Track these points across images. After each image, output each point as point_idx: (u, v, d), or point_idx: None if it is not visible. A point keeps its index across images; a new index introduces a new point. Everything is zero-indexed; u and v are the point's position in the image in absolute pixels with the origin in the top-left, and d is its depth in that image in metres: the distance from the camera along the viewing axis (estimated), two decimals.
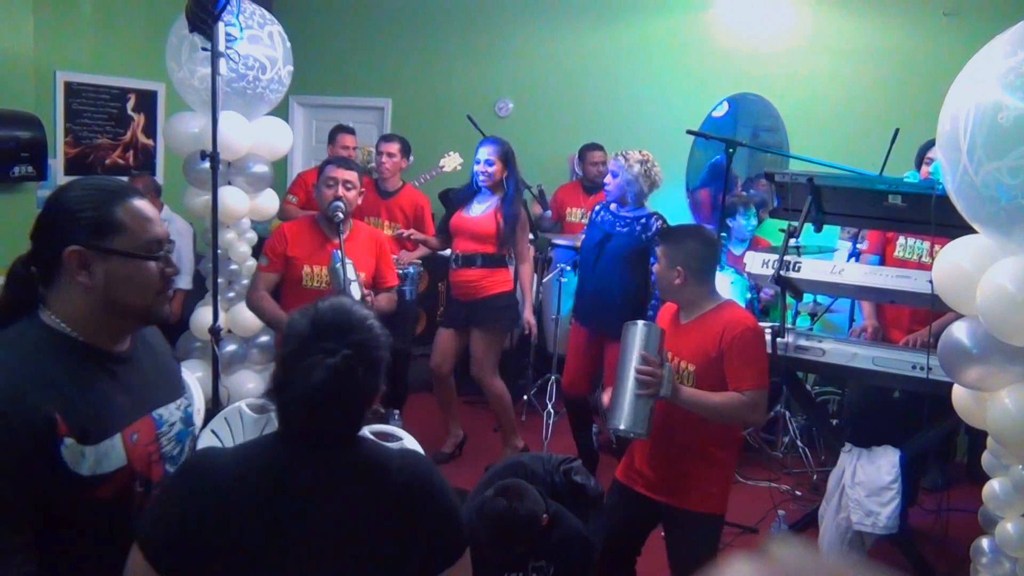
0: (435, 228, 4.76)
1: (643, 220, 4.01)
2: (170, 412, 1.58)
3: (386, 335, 1.47)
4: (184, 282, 5.14)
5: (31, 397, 1.33)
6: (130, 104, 6.02)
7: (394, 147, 4.83)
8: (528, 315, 4.43)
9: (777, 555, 0.69)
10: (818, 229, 3.44)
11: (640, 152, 3.99)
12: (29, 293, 1.44)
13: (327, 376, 1.35)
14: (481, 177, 4.24)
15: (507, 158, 4.27)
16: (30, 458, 1.31)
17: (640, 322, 2.58)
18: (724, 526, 2.83)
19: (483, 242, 4.25)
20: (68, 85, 5.61)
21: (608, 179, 4.04)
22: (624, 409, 2.49)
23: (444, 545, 1.49)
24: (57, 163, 5.58)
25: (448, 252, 4.50)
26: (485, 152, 4.25)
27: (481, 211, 4.28)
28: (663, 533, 2.80)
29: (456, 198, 4.43)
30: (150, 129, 6.14)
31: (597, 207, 4.25)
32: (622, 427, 2.49)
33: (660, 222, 3.99)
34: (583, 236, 4.34)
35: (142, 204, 1.49)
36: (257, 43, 4.00)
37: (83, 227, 1.41)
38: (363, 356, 1.40)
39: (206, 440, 3.14)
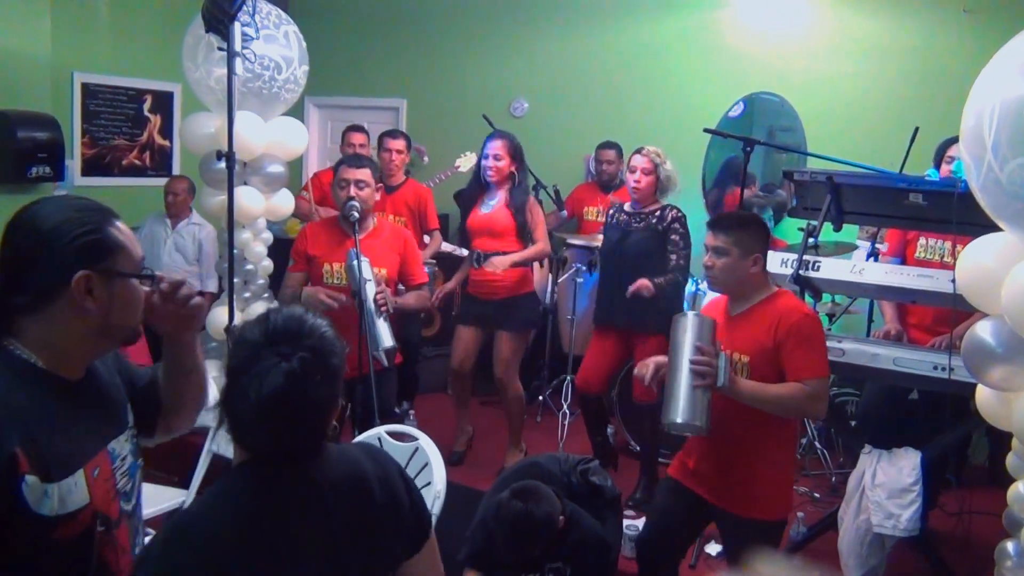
0: (438, 222, 4.76)
1: (657, 213, 4.02)
2: (120, 445, 1.49)
3: (341, 345, 1.39)
4: (212, 285, 5.16)
5: None
6: (147, 105, 6.05)
7: (401, 143, 4.85)
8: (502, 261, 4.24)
9: (761, 572, 0.69)
10: (837, 228, 3.40)
11: (659, 149, 4.01)
12: None
13: (282, 381, 1.27)
14: (490, 172, 4.22)
15: (515, 153, 4.26)
16: None
17: (690, 313, 2.51)
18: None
19: (502, 238, 4.23)
20: (85, 86, 5.65)
21: (639, 177, 3.98)
22: (680, 402, 2.41)
23: (418, 535, 1.52)
24: (74, 164, 5.62)
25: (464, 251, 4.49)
26: (493, 146, 4.24)
27: (493, 206, 4.28)
28: (721, 540, 2.73)
29: (466, 197, 4.41)
30: (167, 130, 6.17)
31: (611, 209, 4.24)
32: (679, 420, 2.39)
33: (675, 211, 4.01)
34: (600, 237, 4.30)
35: (124, 223, 1.45)
36: (273, 43, 4.00)
37: (85, 251, 1.35)
38: (319, 362, 1.32)
39: (221, 438, 3.14)
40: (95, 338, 1.41)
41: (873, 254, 4.18)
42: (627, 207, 4.14)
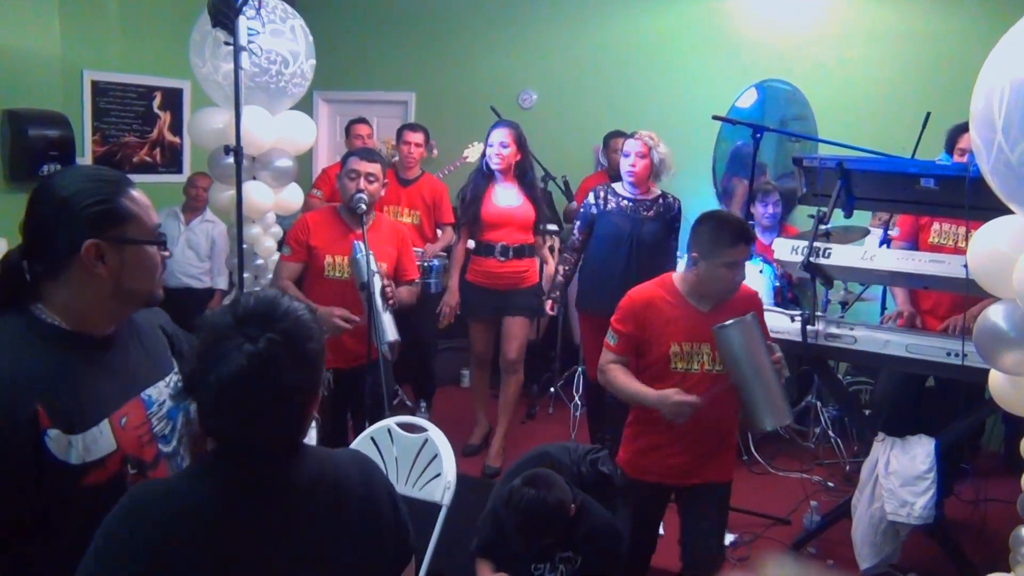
0: (453, 217, 4.74)
1: (661, 201, 4.04)
2: (159, 391, 1.56)
3: (319, 330, 1.30)
4: (222, 283, 5.19)
5: (9, 391, 1.32)
6: (156, 102, 6.07)
7: (420, 136, 4.85)
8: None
9: (771, 573, 0.68)
10: (848, 215, 3.38)
11: (654, 133, 4.02)
12: (18, 286, 1.43)
13: (244, 363, 1.18)
14: (496, 160, 4.20)
15: (521, 141, 4.25)
16: (11, 453, 1.30)
17: (737, 319, 2.52)
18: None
19: (528, 231, 4.31)
20: (95, 84, 5.67)
21: (634, 161, 3.96)
22: (778, 403, 2.55)
23: (397, 560, 1.42)
24: (85, 161, 5.64)
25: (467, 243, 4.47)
26: (500, 135, 4.22)
27: (514, 200, 4.27)
28: (682, 515, 2.83)
29: (473, 188, 4.35)
30: (176, 126, 6.19)
31: (601, 192, 4.11)
32: (787, 421, 2.72)
33: (678, 201, 4.07)
34: (595, 224, 4.16)
35: (140, 192, 1.51)
36: (280, 37, 3.99)
37: (96, 219, 1.42)
38: (291, 345, 1.23)
39: None
40: (113, 302, 1.47)
41: (886, 241, 4.14)
42: (622, 190, 4.06)
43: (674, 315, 2.67)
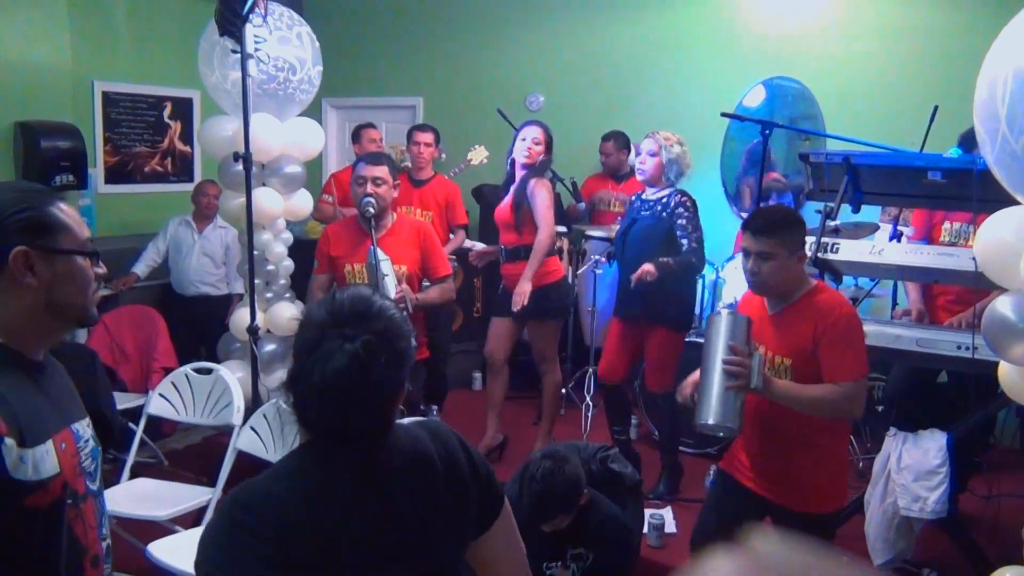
0: (467, 218, 4.78)
1: (663, 199, 4.00)
2: (83, 428, 1.52)
3: (409, 329, 1.38)
4: (239, 287, 5.21)
5: None
6: (166, 112, 6.12)
7: (430, 136, 4.90)
8: (524, 286, 4.14)
9: (757, 548, 0.68)
10: (856, 210, 3.37)
11: (673, 134, 4.01)
12: None
13: (346, 363, 1.27)
14: (525, 154, 4.20)
15: (550, 143, 4.29)
16: None
17: (724, 311, 2.44)
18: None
19: (510, 230, 4.27)
20: (106, 95, 5.72)
21: (644, 159, 3.99)
22: (712, 402, 2.34)
23: (487, 512, 1.50)
24: (97, 172, 5.69)
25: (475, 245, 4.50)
26: (533, 131, 4.24)
27: (508, 198, 4.29)
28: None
29: (494, 194, 4.46)
30: (187, 136, 6.24)
31: (633, 197, 4.24)
32: (711, 422, 2.32)
33: (679, 196, 3.97)
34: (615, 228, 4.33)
35: (68, 205, 1.48)
36: (287, 44, 4.03)
37: (25, 228, 1.38)
38: (385, 345, 1.31)
39: (246, 436, 3.18)
40: (45, 317, 1.43)
41: (896, 235, 4.13)
42: (644, 195, 4.13)
43: (752, 314, 2.57)
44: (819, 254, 3.20)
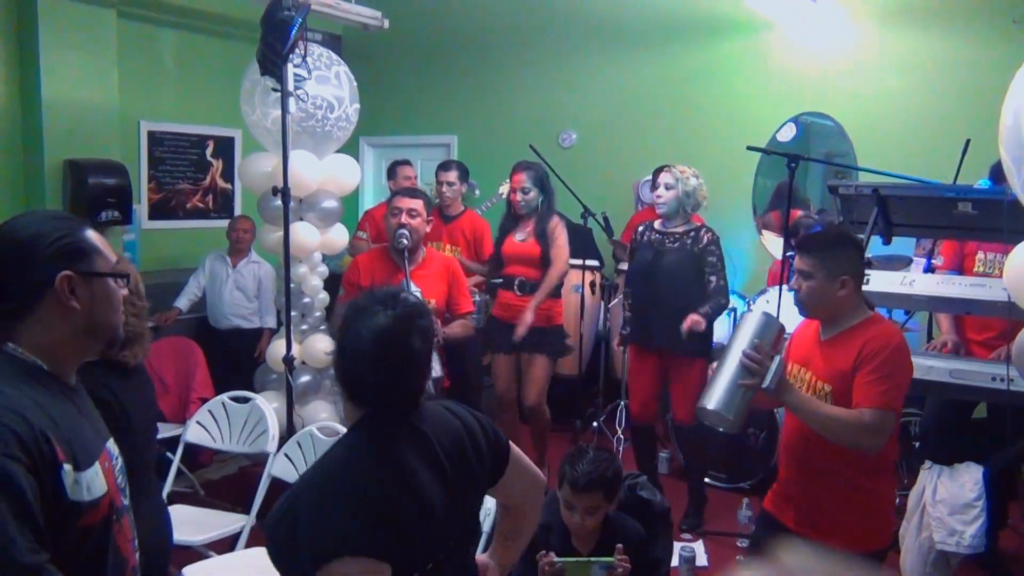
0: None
1: (692, 233, 4.04)
2: (112, 445, 1.58)
3: (428, 310, 1.71)
4: (271, 321, 5.32)
5: (34, 422, 1.33)
6: (209, 150, 6.30)
7: (453, 175, 4.97)
8: (528, 316, 4.22)
9: (784, 561, 0.71)
10: (887, 241, 3.38)
11: (688, 167, 4.06)
12: None
13: (389, 323, 1.56)
14: (520, 204, 4.32)
15: (542, 183, 4.35)
16: (42, 481, 1.31)
17: (760, 311, 2.42)
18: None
19: (535, 267, 4.30)
20: (151, 134, 5.92)
21: (660, 192, 4.04)
22: (718, 390, 2.31)
23: (499, 461, 1.79)
24: (141, 208, 5.86)
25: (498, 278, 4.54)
26: (519, 180, 4.33)
27: (526, 235, 4.36)
28: None
29: (501, 226, 4.50)
30: (228, 173, 6.41)
31: (641, 227, 4.26)
32: (710, 406, 2.29)
33: (710, 234, 4.02)
34: (633, 259, 4.29)
35: (95, 232, 1.54)
36: (325, 83, 4.15)
37: (66, 254, 1.44)
38: (416, 317, 1.61)
39: (280, 463, 3.23)
40: (83, 337, 1.49)
41: (929, 270, 4.11)
42: (657, 225, 4.16)
43: (806, 338, 2.57)
44: None
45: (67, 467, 1.35)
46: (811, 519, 2.45)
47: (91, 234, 1.51)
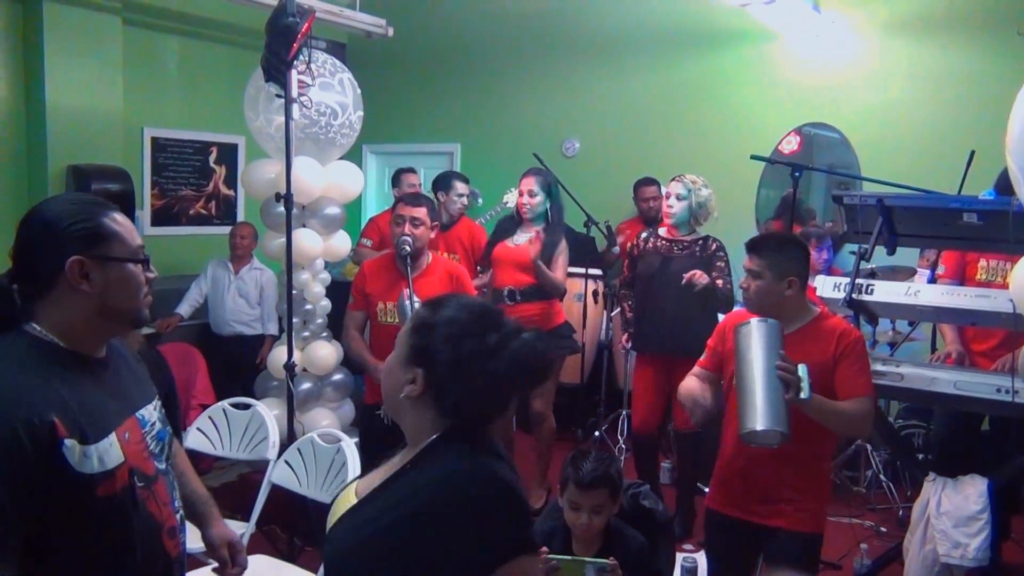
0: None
1: (700, 241, 4.07)
2: (149, 413, 1.64)
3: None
4: (273, 328, 5.32)
5: (28, 402, 1.37)
6: (212, 157, 6.31)
7: (464, 187, 4.97)
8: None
9: None
10: (891, 252, 3.36)
11: (698, 177, 4.07)
12: (11, 309, 1.49)
13: (534, 344, 1.45)
14: (526, 208, 4.30)
15: (549, 189, 4.34)
16: (30, 464, 1.34)
17: (754, 320, 2.40)
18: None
19: (527, 272, 4.24)
20: (155, 140, 5.93)
21: (673, 203, 4.04)
22: (762, 407, 2.24)
23: None
24: (144, 214, 5.87)
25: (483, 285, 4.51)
26: (527, 184, 4.32)
27: (522, 240, 4.33)
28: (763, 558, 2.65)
29: (499, 230, 4.47)
30: (231, 180, 6.42)
31: (643, 234, 4.26)
32: (760, 427, 2.23)
33: (717, 243, 4.05)
34: (636, 266, 4.27)
35: (121, 215, 1.57)
36: (329, 90, 4.16)
37: (80, 238, 1.47)
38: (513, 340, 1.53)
39: (280, 470, 3.22)
40: (100, 320, 1.52)
41: (933, 281, 4.10)
42: (661, 232, 4.16)
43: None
44: (854, 295, 3.19)
45: (69, 442, 1.39)
46: (764, 504, 2.55)
47: (113, 218, 1.53)
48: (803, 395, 2.26)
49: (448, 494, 1.38)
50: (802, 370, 2.28)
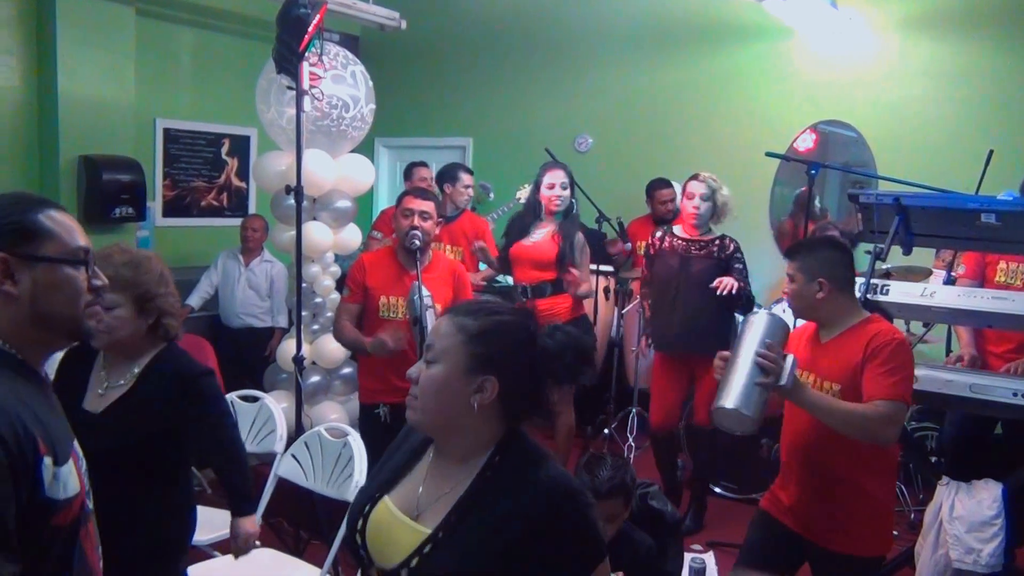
0: (498, 252, 4.77)
1: (717, 241, 4.06)
2: (78, 446, 1.45)
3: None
4: (283, 321, 5.32)
5: (16, 413, 1.25)
6: (224, 149, 6.30)
7: (470, 178, 4.96)
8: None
9: None
10: (907, 252, 3.31)
11: (714, 177, 4.05)
12: None
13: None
14: (557, 201, 4.21)
15: (574, 183, 4.31)
16: (18, 476, 1.22)
17: (763, 311, 2.43)
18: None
19: (546, 269, 4.19)
20: (167, 131, 5.93)
21: (699, 204, 4.01)
22: (734, 389, 2.27)
23: None
24: (156, 205, 5.87)
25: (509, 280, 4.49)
26: (559, 176, 4.22)
27: (540, 237, 4.24)
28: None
29: (515, 227, 4.38)
30: (243, 172, 6.41)
31: (659, 234, 4.23)
32: (729, 405, 2.24)
33: (735, 243, 4.05)
34: (653, 265, 4.25)
35: (63, 213, 1.42)
36: (341, 83, 4.14)
37: (6, 234, 1.33)
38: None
39: (287, 464, 3.20)
40: (32, 329, 1.36)
41: (949, 282, 4.05)
42: (677, 231, 4.14)
43: (801, 345, 2.59)
44: (868, 295, 3.15)
45: (47, 460, 1.26)
46: (812, 521, 2.48)
47: (48, 216, 1.38)
48: (781, 382, 2.25)
49: (562, 499, 1.39)
50: (788, 360, 2.28)
